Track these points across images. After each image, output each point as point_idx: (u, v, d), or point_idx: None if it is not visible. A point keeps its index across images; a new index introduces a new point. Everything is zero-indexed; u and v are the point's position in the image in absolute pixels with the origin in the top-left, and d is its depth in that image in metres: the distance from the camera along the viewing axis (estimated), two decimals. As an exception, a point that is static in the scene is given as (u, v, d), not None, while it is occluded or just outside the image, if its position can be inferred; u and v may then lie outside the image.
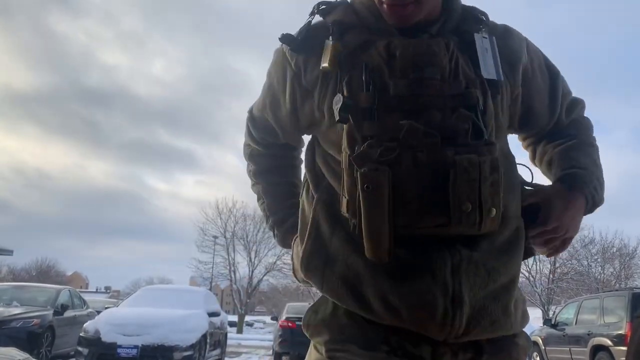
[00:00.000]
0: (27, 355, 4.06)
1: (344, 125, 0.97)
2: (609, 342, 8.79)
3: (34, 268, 58.11)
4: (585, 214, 1.13)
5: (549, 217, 1.07)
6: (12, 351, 4.09)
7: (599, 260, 31.90)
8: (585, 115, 1.26)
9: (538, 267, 31.28)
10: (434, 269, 0.95)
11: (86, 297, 14.65)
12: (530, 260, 30.82)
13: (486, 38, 1.05)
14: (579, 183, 1.11)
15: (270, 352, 14.99)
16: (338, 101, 0.98)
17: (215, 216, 33.81)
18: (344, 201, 0.97)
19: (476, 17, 1.08)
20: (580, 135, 1.21)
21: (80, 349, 8.70)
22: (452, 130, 0.94)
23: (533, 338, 12.23)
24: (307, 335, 1.08)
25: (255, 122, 1.27)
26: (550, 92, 1.18)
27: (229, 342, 13.02)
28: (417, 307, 0.95)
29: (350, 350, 0.99)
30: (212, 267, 34.33)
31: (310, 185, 1.12)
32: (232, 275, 34.02)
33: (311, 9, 1.10)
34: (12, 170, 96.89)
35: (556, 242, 1.10)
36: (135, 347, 8.43)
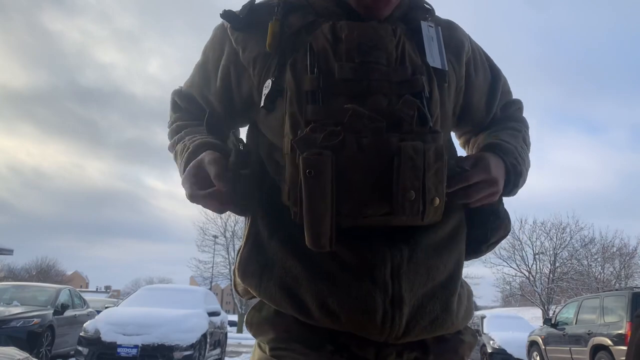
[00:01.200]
0: (27, 355, 4.05)
1: (286, 109, 0.93)
2: (609, 342, 8.79)
3: (34, 268, 58.12)
4: (509, 187, 1.07)
5: (489, 167, 1.01)
6: (12, 350, 4.08)
7: (599, 259, 31.92)
8: (521, 115, 1.24)
9: (538, 267, 31.31)
10: (373, 271, 0.92)
11: (86, 296, 14.65)
12: (531, 259, 30.90)
13: (432, 27, 1.03)
14: (498, 150, 1.06)
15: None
16: (267, 86, 0.96)
17: (215, 215, 33.83)
18: (285, 189, 0.93)
19: (423, 7, 1.07)
20: (508, 123, 1.18)
21: (80, 348, 8.69)
22: (397, 116, 0.91)
23: (533, 338, 12.24)
24: (251, 334, 1.05)
25: (182, 97, 1.18)
26: (490, 89, 1.16)
27: (229, 341, 13.01)
28: (356, 311, 0.92)
29: (294, 349, 0.96)
30: (212, 267, 34.37)
31: None
32: (232, 275, 33.99)
33: None
34: (9, 169, 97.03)
35: (490, 194, 1.03)
36: (135, 346, 8.43)
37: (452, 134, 1.22)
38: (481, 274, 39.21)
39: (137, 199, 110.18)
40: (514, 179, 1.06)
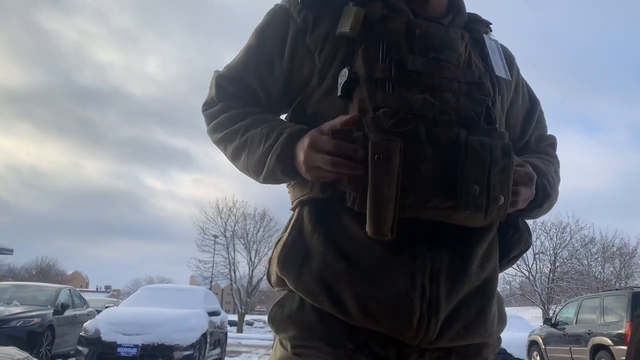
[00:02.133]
0: (27, 355, 4.05)
1: (355, 95, 0.92)
2: (609, 342, 8.79)
3: (34, 267, 58.13)
4: (534, 204, 1.04)
5: (532, 175, 1.00)
6: (12, 350, 4.08)
7: (599, 259, 31.93)
8: (554, 151, 1.23)
9: (538, 267, 31.32)
10: (413, 274, 0.91)
11: (86, 296, 14.65)
12: (531, 259, 30.90)
13: (494, 41, 1.06)
14: (532, 168, 1.03)
15: (270, 351, 14.98)
16: (344, 75, 0.94)
17: (216, 215, 33.85)
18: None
19: (483, 21, 1.09)
20: (541, 155, 1.18)
21: (80, 348, 8.69)
22: (465, 113, 0.92)
23: (533, 337, 12.24)
24: (273, 331, 1.04)
25: (233, 82, 1.10)
26: (527, 114, 1.18)
27: (229, 341, 13.01)
28: (393, 313, 0.91)
29: (315, 347, 0.95)
30: (212, 267, 34.37)
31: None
32: (232, 275, 34.03)
33: None
34: (8, 169, 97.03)
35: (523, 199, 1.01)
36: (135, 346, 8.43)
37: None
38: (481, 274, 39.10)
39: (136, 199, 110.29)
40: (541, 199, 1.04)
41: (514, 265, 27.92)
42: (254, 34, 1.09)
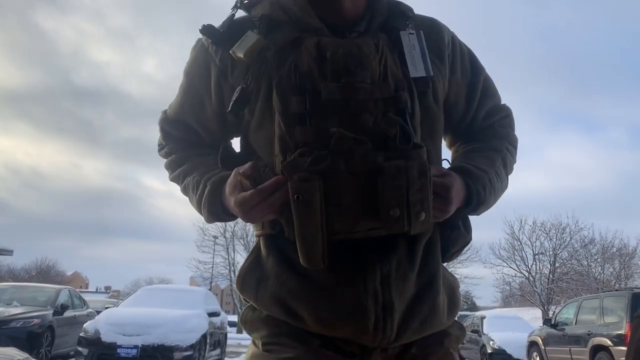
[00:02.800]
0: (26, 355, 4.06)
1: (275, 130, 0.96)
2: (609, 342, 8.79)
3: (33, 268, 58.09)
4: (467, 211, 1.08)
5: (449, 189, 1.01)
6: (12, 351, 4.09)
7: (598, 260, 31.92)
8: (509, 125, 1.22)
9: (538, 267, 31.32)
10: (365, 281, 0.96)
11: (86, 297, 14.65)
12: (530, 260, 30.91)
13: (413, 34, 1.04)
14: (466, 176, 1.05)
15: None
16: (237, 92, 0.98)
17: (215, 216, 33.78)
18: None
19: (402, 13, 1.07)
20: (490, 141, 1.17)
21: (80, 349, 8.70)
22: (382, 134, 0.94)
23: (533, 338, 12.24)
24: (245, 332, 1.10)
25: (173, 125, 1.16)
26: (469, 88, 1.16)
27: (229, 342, 13.01)
28: (348, 319, 0.96)
29: (284, 343, 1.01)
30: (212, 267, 34.37)
31: None
32: (232, 275, 34.00)
33: (234, 3, 1.06)
34: (7, 169, 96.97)
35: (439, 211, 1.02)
36: (135, 347, 8.43)
37: None
38: (481, 275, 39.23)
39: (136, 199, 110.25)
40: (475, 205, 1.06)
41: (514, 266, 27.78)
42: (184, 73, 1.13)
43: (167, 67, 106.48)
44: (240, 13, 1.07)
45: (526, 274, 31.17)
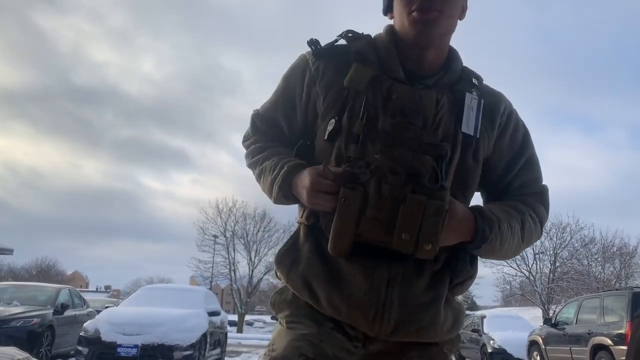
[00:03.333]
0: (27, 355, 4.06)
1: (336, 143, 1.19)
2: (609, 342, 8.79)
3: (34, 267, 58.13)
4: (469, 246, 1.21)
5: (450, 218, 1.15)
6: (12, 350, 4.08)
7: (599, 259, 31.92)
8: (540, 201, 1.34)
9: (538, 267, 31.32)
10: (373, 279, 1.17)
11: (86, 296, 14.65)
12: (531, 259, 30.90)
13: (476, 99, 1.25)
14: (477, 213, 1.20)
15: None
16: (331, 124, 1.21)
17: (216, 215, 33.84)
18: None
19: (470, 80, 1.28)
20: (514, 203, 1.31)
21: (80, 348, 8.70)
22: (416, 169, 1.14)
23: (533, 337, 12.24)
24: (274, 312, 1.32)
25: (264, 120, 1.38)
26: (513, 157, 1.33)
27: (229, 341, 13.02)
28: (353, 307, 1.17)
29: (303, 322, 1.23)
30: (212, 267, 34.36)
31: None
32: (232, 275, 34.04)
33: (340, 33, 1.30)
34: (6, 169, 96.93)
35: None
36: (135, 346, 8.43)
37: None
38: (481, 274, 39.12)
39: (135, 199, 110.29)
40: (479, 242, 1.19)
41: (514, 266, 27.81)
42: (282, 78, 1.37)
43: (166, 67, 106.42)
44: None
45: (526, 274, 31.18)
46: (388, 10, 1.32)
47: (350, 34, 1.28)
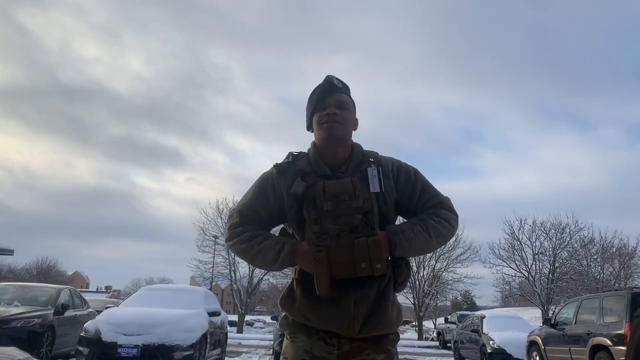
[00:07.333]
0: (27, 355, 4.07)
1: (306, 226, 1.90)
2: (609, 342, 8.80)
3: (34, 268, 58.12)
4: (392, 253, 1.89)
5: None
6: (13, 351, 4.10)
7: (598, 259, 31.92)
8: (441, 207, 2.01)
9: (537, 267, 31.31)
10: (345, 303, 1.86)
11: (87, 296, 14.66)
12: (530, 260, 30.90)
13: (374, 169, 1.95)
14: (387, 229, 1.90)
15: (271, 351, 15.01)
16: (292, 217, 1.94)
17: (216, 216, 33.85)
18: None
19: (369, 160, 1.99)
20: (419, 216, 1.98)
21: (80, 348, 8.70)
22: (354, 225, 1.85)
23: (533, 338, 12.25)
24: (283, 330, 2.03)
25: (250, 209, 1.99)
26: (411, 190, 2.02)
27: (229, 341, 13.03)
28: (335, 320, 1.87)
29: (299, 337, 1.94)
30: (213, 267, 34.36)
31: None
32: (233, 275, 34.04)
33: (286, 155, 2.05)
34: (1, 169, 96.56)
35: None
36: (136, 346, 8.44)
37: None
38: (481, 274, 39.09)
39: (132, 198, 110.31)
40: (393, 247, 1.88)
41: (514, 266, 27.74)
42: (255, 183, 2.05)
43: (156, 64, 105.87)
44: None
45: (526, 274, 31.17)
46: (310, 128, 2.06)
47: (294, 153, 2.04)
